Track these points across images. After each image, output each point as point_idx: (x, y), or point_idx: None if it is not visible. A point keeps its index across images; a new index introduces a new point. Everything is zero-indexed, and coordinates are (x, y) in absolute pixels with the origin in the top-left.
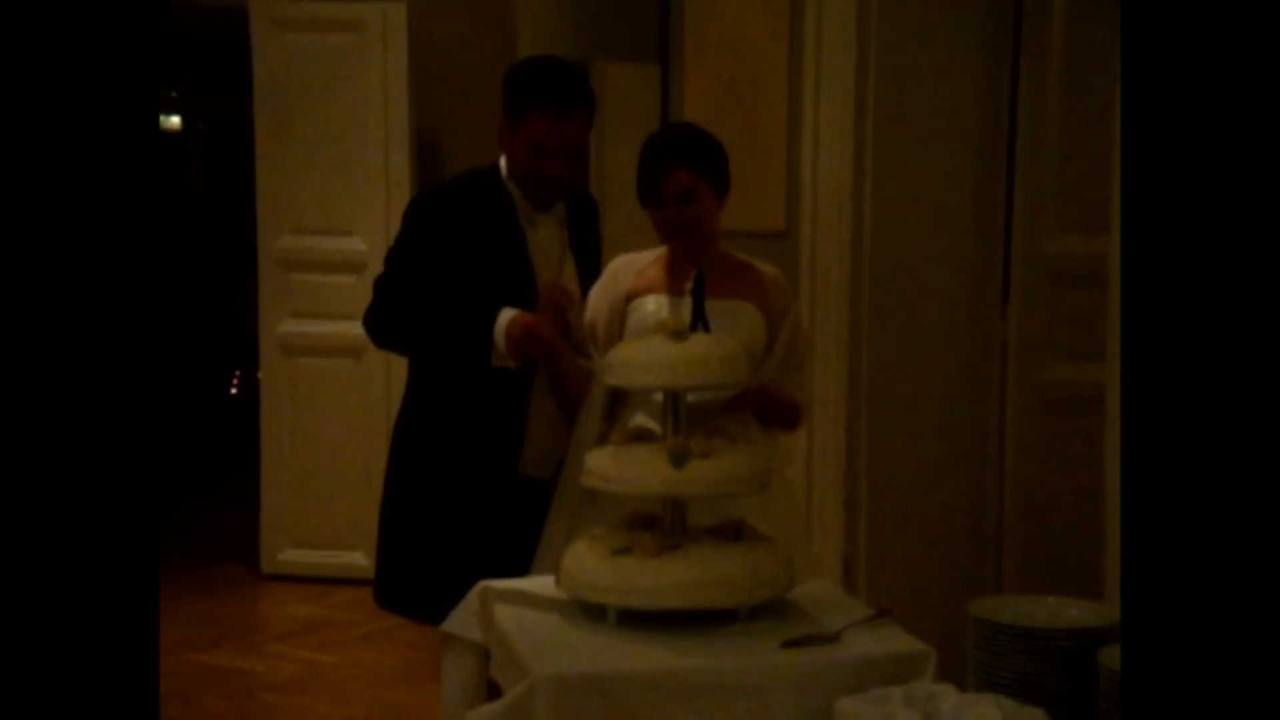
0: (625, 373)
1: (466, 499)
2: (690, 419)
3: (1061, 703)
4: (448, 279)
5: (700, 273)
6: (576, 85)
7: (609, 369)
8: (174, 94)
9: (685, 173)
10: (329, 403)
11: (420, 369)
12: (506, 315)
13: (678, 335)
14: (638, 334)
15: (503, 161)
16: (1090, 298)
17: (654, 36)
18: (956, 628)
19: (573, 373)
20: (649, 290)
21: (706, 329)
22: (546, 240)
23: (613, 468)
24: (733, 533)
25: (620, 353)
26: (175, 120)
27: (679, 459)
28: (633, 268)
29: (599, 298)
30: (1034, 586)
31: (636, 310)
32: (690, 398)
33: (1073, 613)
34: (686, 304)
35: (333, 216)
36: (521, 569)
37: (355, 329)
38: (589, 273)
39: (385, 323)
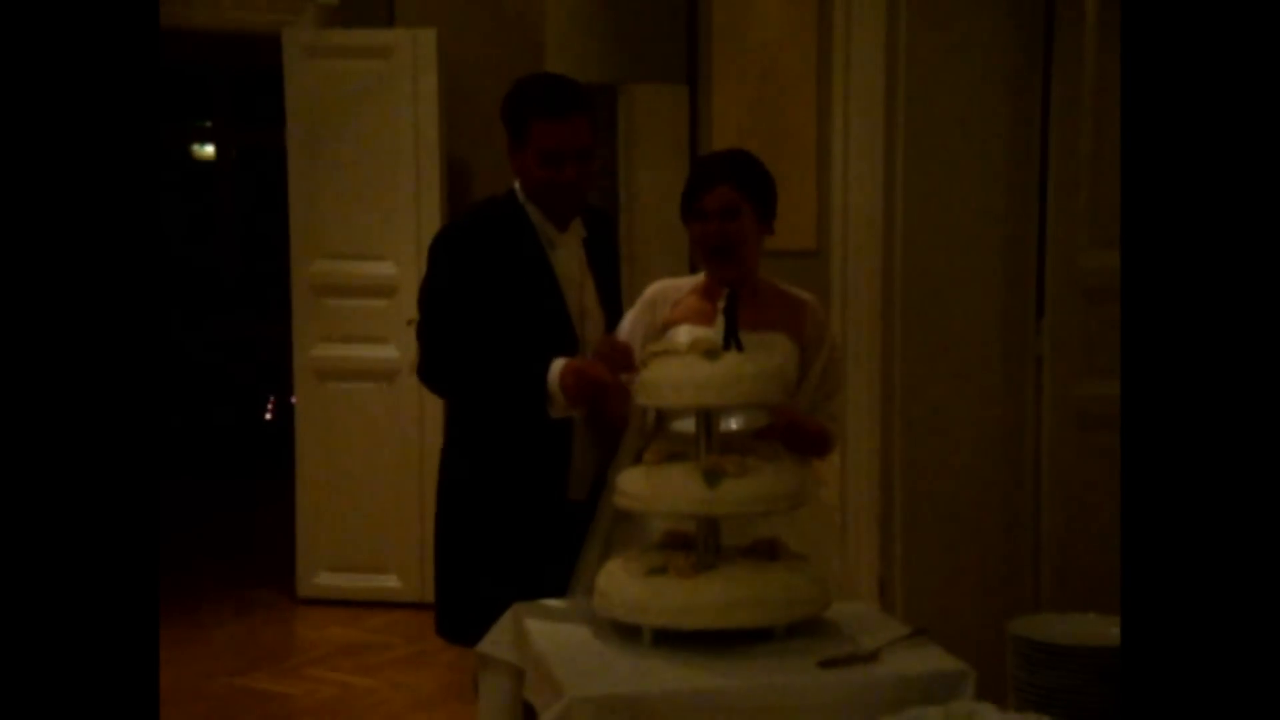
0: (658, 392)
1: (521, 527)
2: (721, 449)
3: None
4: (482, 311)
5: (733, 291)
6: (572, 89)
7: (641, 389)
8: (208, 123)
9: (729, 189)
10: (363, 426)
11: (459, 404)
12: (557, 367)
13: (710, 354)
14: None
15: (517, 186)
16: None
17: (682, 58)
18: (995, 646)
19: (619, 410)
20: (685, 320)
21: (739, 347)
22: (567, 260)
23: (646, 488)
24: (768, 552)
25: (653, 372)
26: (209, 149)
27: (713, 478)
28: (669, 296)
29: (634, 324)
30: (1073, 603)
31: (670, 339)
32: (722, 426)
33: (1113, 630)
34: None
35: (365, 241)
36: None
37: (388, 353)
38: (608, 290)
39: (440, 380)
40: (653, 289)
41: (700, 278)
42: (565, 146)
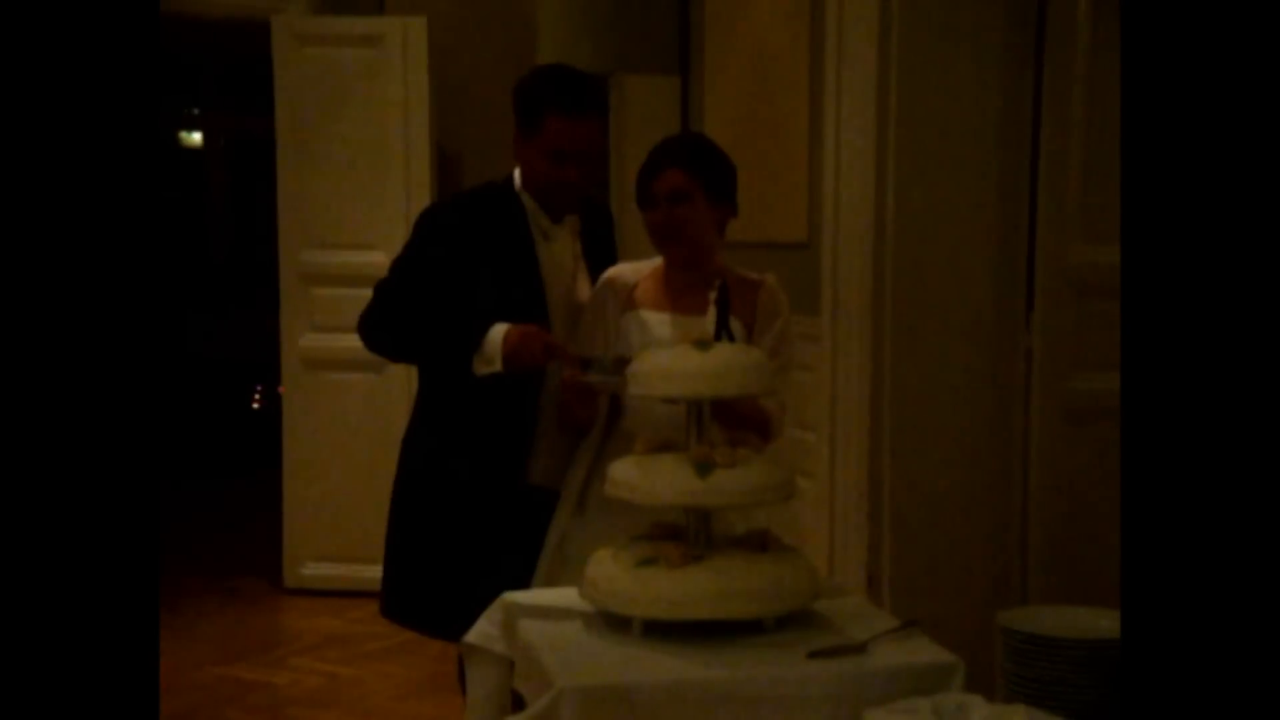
0: (649, 382)
1: (472, 510)
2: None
3: (1092, 713)
4: (453, 287)
5: (725, 283)
6: (590, 89)
7: (633, 379)
8: (195, 111)
9: (677, 173)
10: (351, 416)
11: (429, 381)
12: (501, 327)
13: (702, 345)
14: (642, 348)
15: (516, 174)
16: (1114, 307)
17: (674, 48)
18: (984, 638)
19: (586, 414)
20: (644, 305)
21: (731, 338)
22: (560, 252)
23: (638, 478)
24: (758, 543)
25: (644, 362)
26: (197, 137)
27: (703, 469)
28: (627, 280)
29: (591, 313)
30: (1061, 596)
31: (632, 324)
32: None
33: (1102, 623)
34: (689, 321)
35: (354, 230)
36: (529, 581)
37: None
38: None
39: (376, 321)
40: (606, 276)
41: (657, 262)
42: (575, 146)
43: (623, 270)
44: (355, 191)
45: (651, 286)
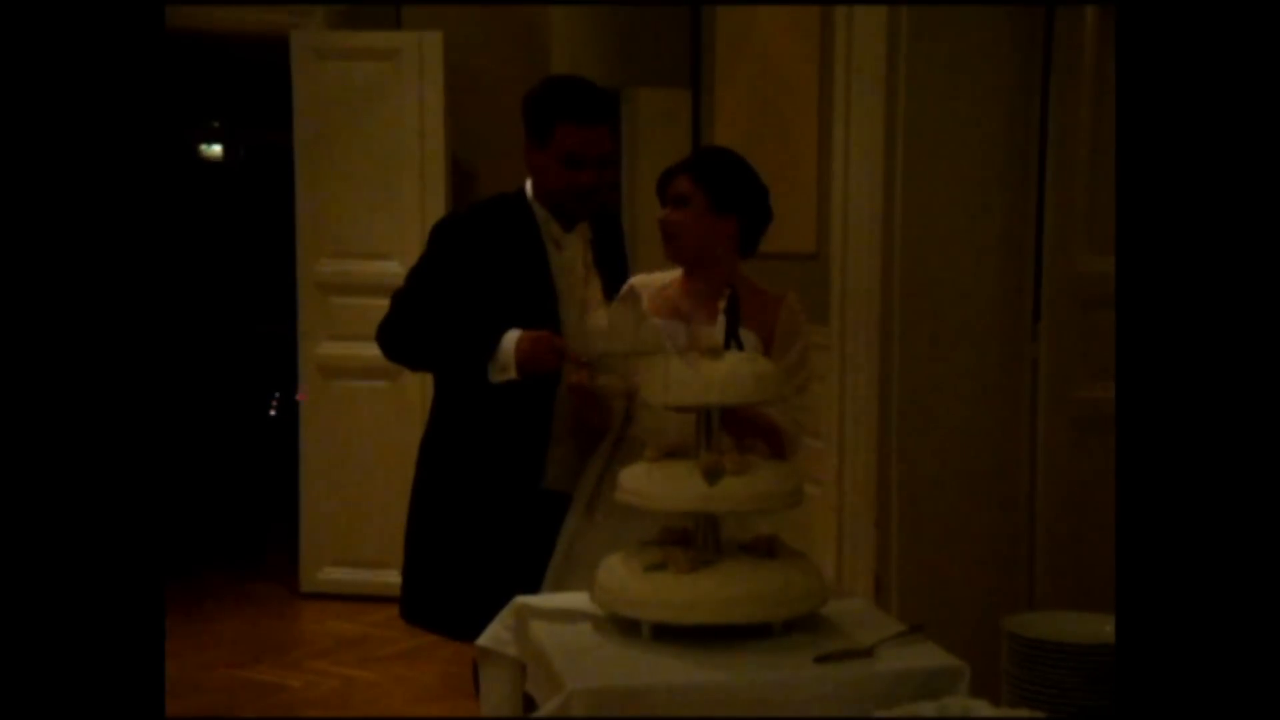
0: (659, 390)
1: (491, 515)
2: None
3: (1096, 718)
4: (468, 295)
5: (734, 291)
6: (600, 96)
7: (644, 386)
8: (216, 123)
9: (684, 179)
10: (367, 424)
11: (445, 388)
12: (514, 333)
13: (711, 353)
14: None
15: (528, 184)
16: None
17: (685, 62)
18: (990, 643)
19: (600, 419)
20: (660, 314)
21: (740, 347)
22: (571, 260)
23: (647, 484)
24: (766, 548)
25: (653, 370)
26: (217, 149)
27: (713, 475)
28: (648, 290)
29: (615, 320)
30: (1066, 602)
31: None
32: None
33: (1107, 628)
34: (704, 330)
35: (371, 241)
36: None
37: None
38: (615, 290)
39: (395, 330)
40: (631, 282)
41: (677, 272)
42: (588, 152)
43: (644, 280)
44: (372, 202)
45: (668, 296)
